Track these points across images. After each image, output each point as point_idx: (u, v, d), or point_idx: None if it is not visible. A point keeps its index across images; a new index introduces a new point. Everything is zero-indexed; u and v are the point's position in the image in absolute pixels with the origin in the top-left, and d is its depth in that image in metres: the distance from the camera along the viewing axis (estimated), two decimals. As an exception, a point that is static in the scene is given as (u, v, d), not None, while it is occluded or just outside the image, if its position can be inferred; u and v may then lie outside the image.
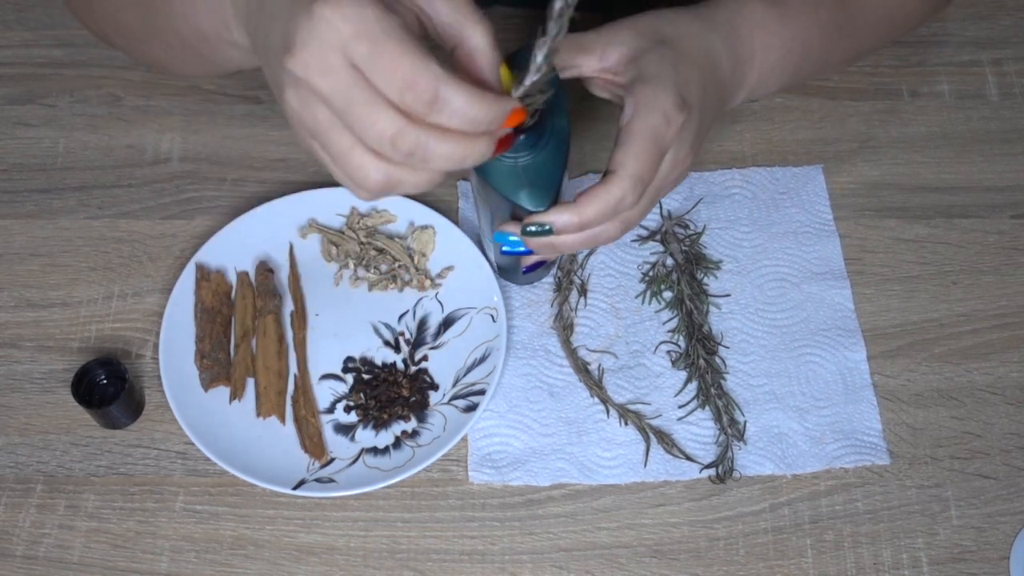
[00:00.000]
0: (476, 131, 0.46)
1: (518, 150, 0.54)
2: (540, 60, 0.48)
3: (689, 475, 0.69)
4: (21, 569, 0.67)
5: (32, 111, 0.86)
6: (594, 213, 0.56)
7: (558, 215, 0.56)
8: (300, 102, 0.47)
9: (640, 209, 0.59)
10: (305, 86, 0.46)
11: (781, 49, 0.67)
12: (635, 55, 0.60)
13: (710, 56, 0.62)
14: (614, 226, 0.58)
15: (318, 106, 0.47)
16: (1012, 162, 0.83)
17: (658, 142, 0.57)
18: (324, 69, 0.45)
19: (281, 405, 0.71)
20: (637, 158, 0.56)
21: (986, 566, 0.67)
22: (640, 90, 0.58)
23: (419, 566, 0.67)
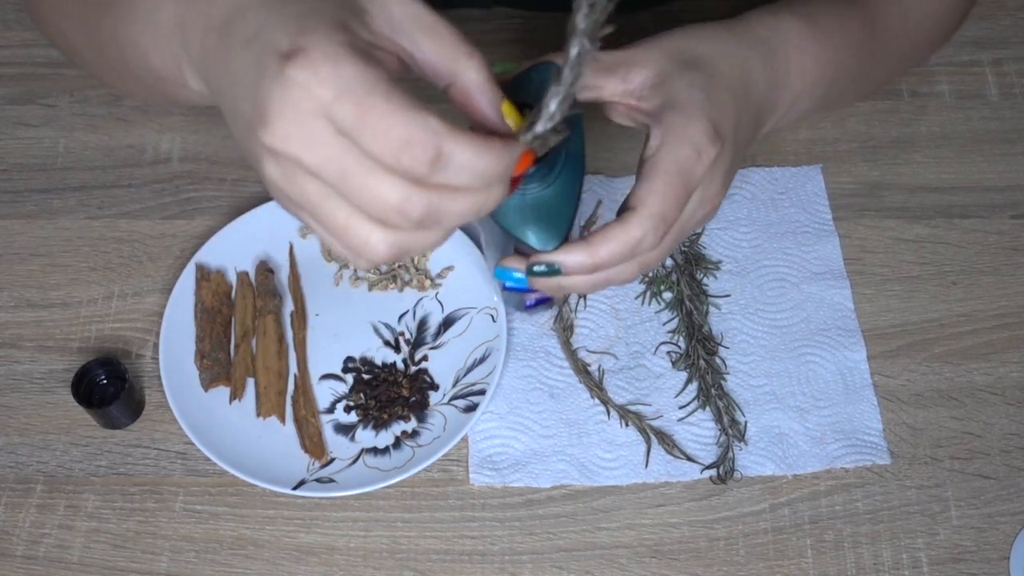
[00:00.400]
0: (484, 185, 0.42)
1: (527, 183, 0.49)
2: (553, 108, 0.44)
3: (690, 476, 0.69)
4: (21, 569, 0.67)
5: (32, 111, 0.86)
6: (608, 254, 0.50)
7: (568, 255, 0.50)
8: (284, 176, 0.41)
9: (661, 250, 0.53)
10: (287, 160, 0.40)
11: (815, 72, 0.61)
12: (662, 78, 0.54)
13: (745, 79, 0.56)
14: (630, 268, 0.52)
15: (305, 179, 0.41)
16: (1012, 162, 0.83)
17: (686, 178, 0.51)
18: (308, 141, 0.39)
19: (281, 405, 0.71)
20: (662, 195, 0.50)
21: (986, 566, 0.67)
22: (668, 118, 0.52)
23: (419, 566, 0.67)
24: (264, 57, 0.40)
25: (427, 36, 0.44)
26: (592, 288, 0.53)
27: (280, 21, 0.41)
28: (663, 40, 0.56)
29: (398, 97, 0.39)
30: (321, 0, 0.42)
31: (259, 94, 0.40)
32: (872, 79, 0.66)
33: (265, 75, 0.40)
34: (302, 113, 0.39)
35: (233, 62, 0.43)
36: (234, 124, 0.44)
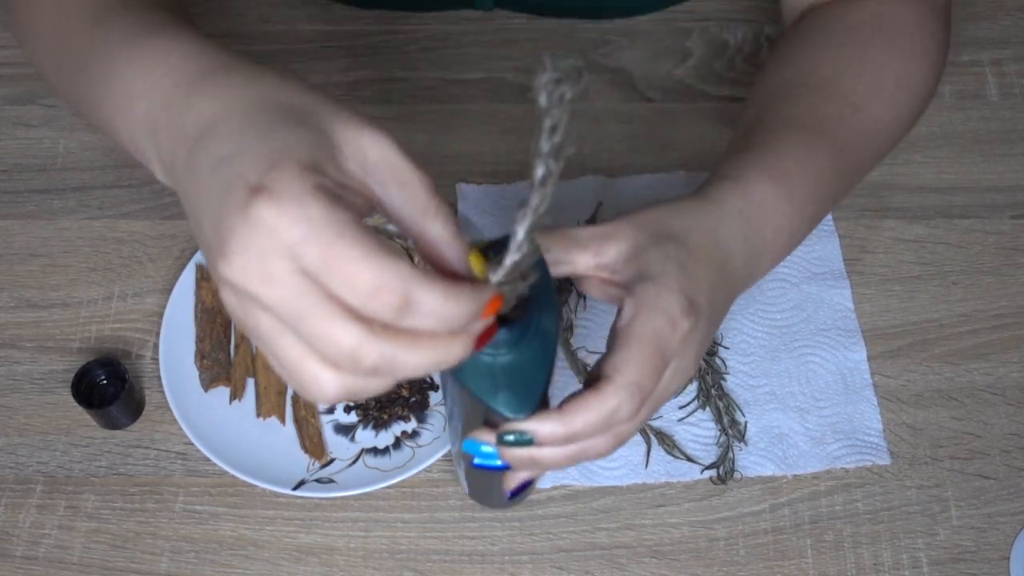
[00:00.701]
0: (452, 331, 0.40)
1: (497, 346, 0.45)
2: (521, 237, 0.41)
3: (690, 476, 0.69)
4: (21, 569, 0.67)
5: (32, 111, 0.86)
6: (584, 424, 0.48)
7: (541, 423, 0.47)
8: (239, 307, 0.40)
9: (636, 422, 0.51)
10: (244, 293, 0.39)
11: (790, 228, 0.60)
12: (636, 251, 0.53)
13: (721, 252, 0.55)
14: (605, 440, 0.50)
15: (260, 314, 0.40)
16: (1012, 162, 0.83)
17: (661, 349, 0.49)
18: (266, 279, 0.38)
19: (281, 405, 0.71)
20: (637, 365, 0.49)
21: (986, 566, 0.67)
22: (642, 290, 0.51)
23: (419, 566, 0.67)
24: (231, 185, 0.39)
25: (398, 187, 0.43)
26: (567, 461, 0.50)
27: (252, 151, 0.40)
28: (637, 215, 0.55)
29: (367, 242, 0.38)
30: (295, 133, 0.41)
31: (222, 224, 0.39)
32: (845, 193, 0.66)
33: (231, 205, 0.39)
34: (264, 251, 0.38)
35: (201, 181, 0.42)
36: (198, 236, 0.43)
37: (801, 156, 0.61)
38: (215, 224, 0.40)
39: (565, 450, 0.49)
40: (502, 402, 0.46)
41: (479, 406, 0.47)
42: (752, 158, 0.60)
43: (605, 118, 0.86)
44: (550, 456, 0.49)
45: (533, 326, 0.45)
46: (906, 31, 0.69)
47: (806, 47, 0.69)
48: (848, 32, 0.69)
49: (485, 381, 0.46)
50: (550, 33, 0.90)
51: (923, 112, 0.70)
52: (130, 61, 0.50)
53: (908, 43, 0.68)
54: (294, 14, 0.91)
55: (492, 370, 0.46)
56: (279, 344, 0.40)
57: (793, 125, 0.63)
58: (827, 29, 0.70)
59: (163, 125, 0.46)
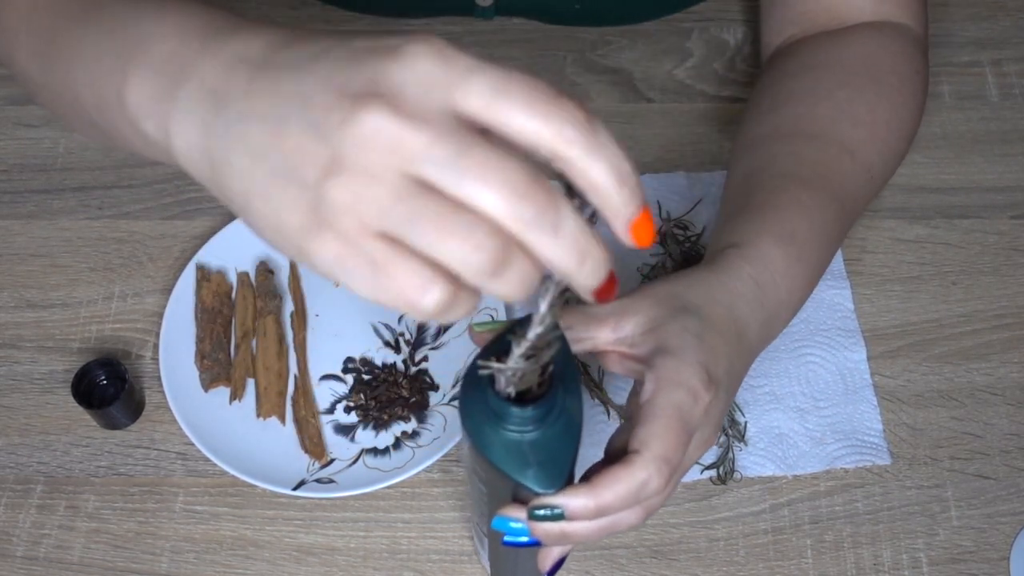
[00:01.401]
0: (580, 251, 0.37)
1: (525, 423, 0.46)
2: (544, 310, 0.42)
3: (690, 476, 0.69)
4: (21, 569, 0.67)
5: (32, 111, 0.86)
6: (614, 498, 0.48)
7: (571, 498, 0.47)
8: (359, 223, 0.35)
9: (664, 495, 0.51)
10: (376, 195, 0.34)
11: (805, 287, 0.61)
12: (654, 325, 0.53)
13: (737, 322, 0.56)
14: (635, 513, 0.50)
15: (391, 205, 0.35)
16: (1012, 162, 0.83)
17: (685, 421, 0.50)
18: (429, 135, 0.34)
19: (281, 406, 0.71)
20: (663, 439, 0.49)
21: (986, 566, 0.67)
22: (662, 363, 0.51)
23: (419, 566, 0.67)
24: (361, 54, 0.36)
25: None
26: (597, 534, 0.50)
27: (365, 35, 0.37)
28: (653, 288, 0.55)
29: None
30: None
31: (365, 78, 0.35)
32: (843, 239, 0.67)
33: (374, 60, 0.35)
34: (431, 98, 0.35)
35: (285, 86, 0.37)
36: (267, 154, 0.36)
37: (804, 213, 0.61)
38: (322, 100, 0.35)
39: (596, 524, 0.49)
40: (531, 478, 0.47)
41: (507, 483, 0.47)
42: (757, 220, 0.60)
43: (605, 118, 0.85)
44: (581, 530, 0.49)
45: (559, 403, 0.46)
46: (893, 70, 0.69)
47: (796, 92, 0.69)
48: (837, 75, 0.69)
49: (513, 458, 0.47)
50: (550, 33, 0.90)
51: (908, 148, 0.71)
52: (139, 14, 0.45)
53: (896, 82, 0.69)
54: (294, 15, 0.91)
55: (520, 447, 0.46)
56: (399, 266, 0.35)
57: (792, 179, 0.63)
58: (814, 72, 0.70)
59: (198, 59, 0.40)
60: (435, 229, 0.34)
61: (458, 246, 0.34)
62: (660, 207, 0.80)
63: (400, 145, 0.34)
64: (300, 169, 0.35)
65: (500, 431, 0.46)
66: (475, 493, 0.53)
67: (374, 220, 0.35)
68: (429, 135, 0.34)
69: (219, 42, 0.40)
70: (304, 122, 0.35)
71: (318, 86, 0.35)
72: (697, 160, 0.83)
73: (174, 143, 0.40)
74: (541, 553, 0.54)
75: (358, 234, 0.35)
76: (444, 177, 0.34)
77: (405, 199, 0.34)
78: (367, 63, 0.35)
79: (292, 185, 0.35)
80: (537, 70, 0.87)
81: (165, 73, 0.41)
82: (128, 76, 0.42)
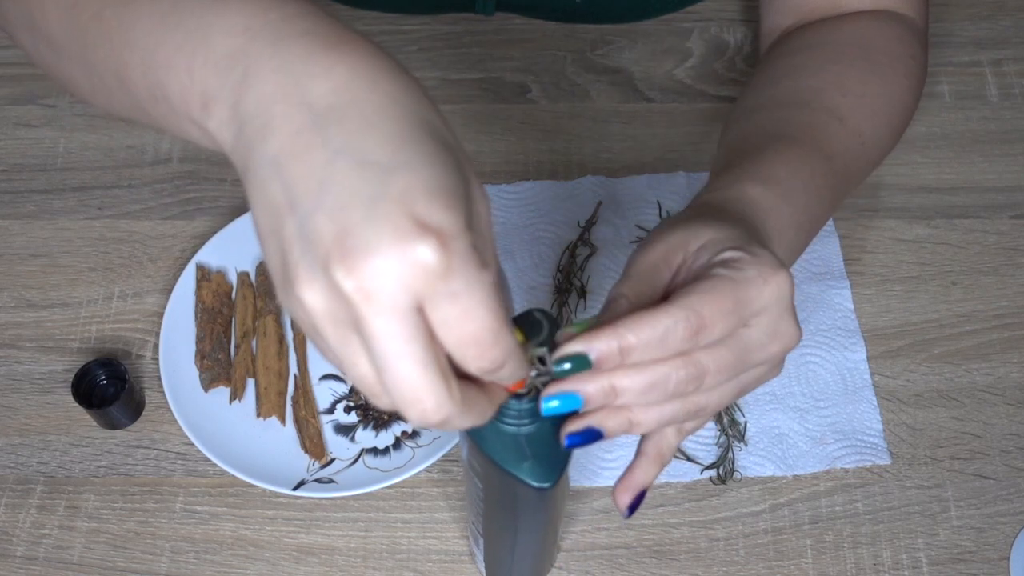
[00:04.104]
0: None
1: (522, 416, 0.46)
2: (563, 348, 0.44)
3: (690, 476, 0.69)
4: (21, 569, 0.67)
5: (32, 111, 0.86)
6: (637, 340, 0.44)
7: (592, 339, 0.44)
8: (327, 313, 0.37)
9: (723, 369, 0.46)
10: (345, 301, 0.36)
11: (792, 227, 0.57)
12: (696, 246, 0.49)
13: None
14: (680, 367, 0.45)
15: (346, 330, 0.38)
16: (1012, 162, 0.83)
17: (741, 292, 0.45)
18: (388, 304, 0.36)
19: (281, 405, 0.71)
20: (700, 294, 0.44)
21: (986, 566, 0.67)
22: (730, 253, 0.47)
23: (419, 566, 0.67)
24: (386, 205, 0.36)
25: None
26: (645, 390, 0.45)
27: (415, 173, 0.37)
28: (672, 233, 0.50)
29: (499, 308, 0.38)
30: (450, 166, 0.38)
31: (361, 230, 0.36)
32: (840, 201, 0.65)
33: (383, 225, 0.36)
34: (403, 284, 0.36)
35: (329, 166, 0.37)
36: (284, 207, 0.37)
37: (790, 162, 0.59)
38: (343, 220, 0.36)
39: (641, 377, 0.45)
40: (527, 471, 0.47)
41: (503, 477, 0.48)
42: (739, 170, 0.58)
43: (605, 118, 0.86)
44: (629, 385, 0.45)
45: None
46: (887, 50, 0.69)
47: (787, 69, 0.69)
48: (830, 52, 0.69)
49: (510, 451, 0.47)
50: (550, 33, 0.90)
51: (904, 129, 0.70)
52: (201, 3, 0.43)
53: (889, 61, 0.68)
54: (294, 14, 0.91)
55: (517, 440, 0.47)
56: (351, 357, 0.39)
57: (778, 137, 0.61)
58: (808, 50, 0.70)
59: (263, 69, 0.39)
60: (356, 379, 0.39)
61: (371, 393, 0.39)
62: (660, 207, 0.80)
63: (354, 315, 0.37)
64: (285, 253, 0.37)
65: (497, 424, 0.46)
66: (471, 490, 0.54)
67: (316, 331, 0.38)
68: (377, 327, 0.37)
69: (289, 55, 0.39)
70: (303, 227, 0.37)
71: (329, 209, 0.36)
72: (697, 160, 0.83)
73: (229, 144, 0.41)
74: (619, 485, 0.51)
75: (305, 326, 0.38)
76: (374, 358, 0.38)
77: (340, 346, 0.38)
78: (379, 225, 0.36)
79: (277, 252, 0.38)
80: (537, 70, 0.88)
81: (229, 78, 0.40)
82: (193, 76, 0.41)
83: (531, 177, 0.82)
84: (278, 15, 0.40)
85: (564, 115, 0.86)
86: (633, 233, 0.79)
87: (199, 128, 0.42)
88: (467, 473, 0.53)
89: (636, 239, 0.78)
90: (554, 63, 0.89)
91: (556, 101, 0.86)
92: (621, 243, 0.78)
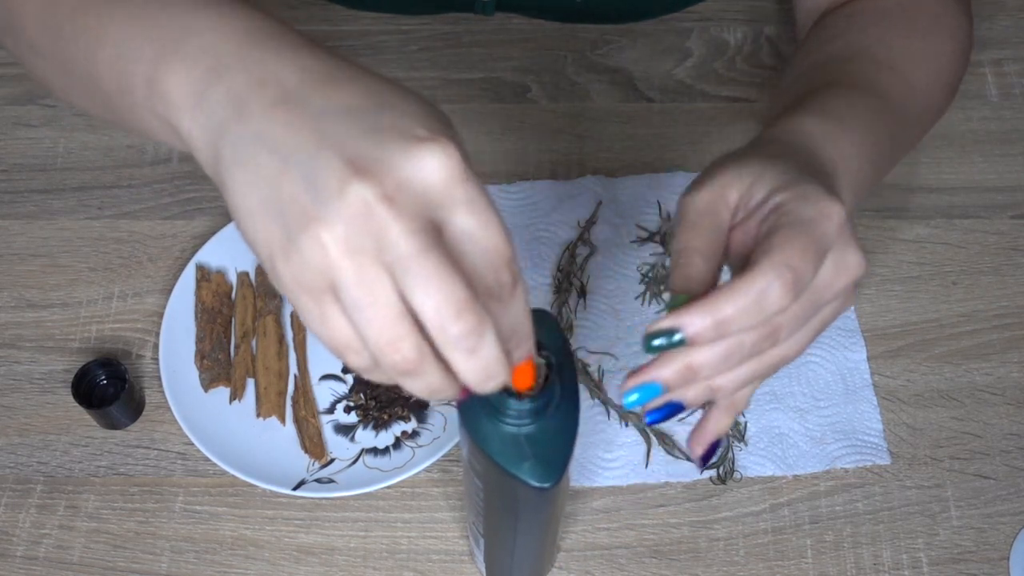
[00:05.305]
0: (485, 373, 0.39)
1: (522, 416, 0.46)
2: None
3: (690, 476, 0.69)
4: (21, 569, 0.67)
5: (32, 111, 0.86)
6: (734, 310, 0.43)
7: (687, 315, 0.43)
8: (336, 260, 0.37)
9: (795, 317, 0.45)
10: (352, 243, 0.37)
11: (855, 156, 0.55)
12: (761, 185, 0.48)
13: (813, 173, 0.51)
14: (762, 333, 0.45)
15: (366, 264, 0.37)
16: (1012, 162, 0.83)
17: (812, 232, 0.44)
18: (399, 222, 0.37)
19: (281, 405, 0.71)
20: (783, 246, 0.43)
21: (986, 566, 0.67)
22: (777, 199, 0.46)
23: (419, 566, 0.67)
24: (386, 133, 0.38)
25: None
26: (724, 363, 0.45)
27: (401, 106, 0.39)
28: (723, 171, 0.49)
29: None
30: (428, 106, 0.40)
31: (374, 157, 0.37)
32: (897, 154, 0.64)
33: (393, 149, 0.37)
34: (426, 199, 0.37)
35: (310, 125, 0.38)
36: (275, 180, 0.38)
37: (846, 98, 0.58)
38: (350, 151, 0.37)
39: (720, 349, 0.44)
40: (527, 471, 0.47)
41: (503, 477, 0.47)
42: (792, 110, 0.56)
43: (605, 118, 0.85)
44: (706, 360, 0.45)
45: (556, 396, 0.47)
46: (931, 14, 0.69)
47: (831, 36, 0.69)
48: (871, 16, 0.68)
49: (510, 451, 0.47)
50: (550, 33, 0.90)
51: (956, 88, 0.69)
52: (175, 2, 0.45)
53: (933, 24, 0.68)
54: (294, 14, 0.91)
55: (517, 440, 0.47)
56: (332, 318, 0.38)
57: (830, 84, 0.60)
58: (849, 17, 0.69)
59: (232, 63, 0.41)
60: (369, 319, 0.37)
61: (381, 341, 0.38)
62: (660, 207, 0.80)
63: (377, 229, 0.36)
64: (288, 212, 0.37)
65: (497, 424, 0.46)
66: (471, 489, 0.53)
67: (329, 280, 0.37)
68: (403, 229, 0.36)
69: (257, 50, 0.41)
70: (306, 173, 0.37)
71: (332, 145, 0.37)
72: (697, 160, 0.83)
73: (193, 134, 0.42)
74: (693, 437, 0.51)
75: (313, 283, 0.38)
76: (398, 268, 0.37)
77: (360, 278, 0.37)
78: (384, 145, 0.37)
79: (276, 220, 0.38)
80: (537, 70, 0.88)
81: (197, 69, 0.41)
82: (159, 67, 0.43)
83: (531, 177, 0.82)
84: (246, 20, 0.43)
85: (564, 115, 0.86)
86: (633, 233, 0.79)
87: (161, 120, 0.44)
88: (467, 473, 0.53)
89: (636, 239, 0.78)
90: (554, 63, 0.89)
91: (556, 101, 0.86)
92: (621, 243, 0.78)
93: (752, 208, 0.48)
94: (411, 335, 0.38)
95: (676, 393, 0.47)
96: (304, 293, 0.38)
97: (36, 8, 0.51)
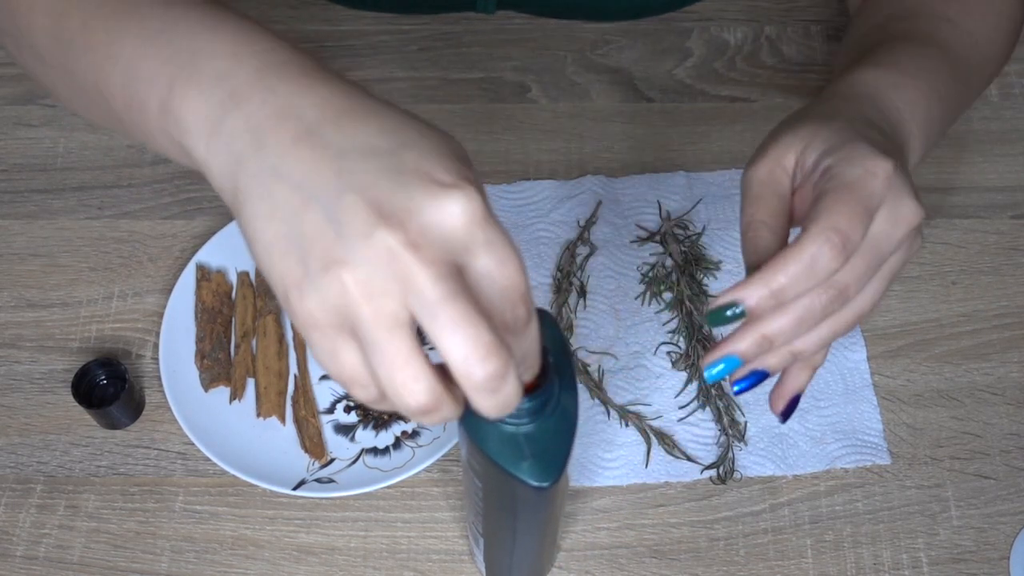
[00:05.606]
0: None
1: (521, 416, 0.46)
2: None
3: (690, 476, 0.69)
4: (21, 569, 0.67)
5: (32, 111, 0.86)
6: (787, 278, 0.45)
7: (744, 289, 0.46)
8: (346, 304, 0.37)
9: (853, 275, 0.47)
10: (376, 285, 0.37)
11: (922, 101, 0.57)
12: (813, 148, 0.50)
13: (872, 125, 0.53)
14: (822, 296, 0.46)
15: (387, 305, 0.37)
16: (1012, 162, 0.83)
17: (860, 192, 0.46)
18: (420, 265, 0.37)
19: (281, 405, 0.71)
20: (831, 210, 0.45)
21: (986, 566, 0.67)
22: (827, 162, 0.48)
23: (419, 566, 0.67)
24: (406, 176, 0.38)
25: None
26: (796, 329, 0.47)
27: (424, 147, 0.39)
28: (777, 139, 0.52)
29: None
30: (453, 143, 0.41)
31: (390, 201, 0.37)
32: (963, 103, 0.65)
33: (414, 191, 0.37)
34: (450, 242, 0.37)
35: (329, 163, 0.38)
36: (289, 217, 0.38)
37: (907, 50, 0.60)
38: (373, 195, 0.37)
39: (788, 317, 0.46)
40: (526, 471, 0.47)
41: (502, 476, 0.47)
42: (855, 64, 0.58)
43: (605, 118, 0.85)
44: (776, 328, 0.47)
45: (555, 395, 0.47)
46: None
47: (883, 3, 0.69)
48: None
49: (509, 450, 0.47)
50: (550, 32, 0.90)
51: (1015, 43, 0.69)
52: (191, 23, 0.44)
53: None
54: (294, 14, 0.91)
55: (516, 439, 0.47)
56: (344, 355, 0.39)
57: (892, 39, 0.61)
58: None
59: (249, 91, 0.41)
60: (387, 360, 0.38)
61: (396, 381, 0.38)
62: (660, 207, 0.80)
63: (402, 274, 0.36)
64: (309, 249, 0.38)
65: (496, 424, 0.46)
66: (470, 489, 0.53)
67: (346, 319, 0.38)
68: (429, 275, 0.36)
69: (273, 79, 0.41)
70: (329, 213, 0.37)
71: (355, 189, 0.37)
72: (697, 160, 0.83)
73: (209, 161, 0.41)
74: (774, 394, 0.52)
75: (328, 320, 0.38)
76: (424, 314, 0.37)
77: (380, 320, 0.37)
78: (409, 191, 0.37)
79: (295, 255, 0.38)
80: (537, 70, 0.88)
81: (214, 97, 0.41)
82: (173, 90, 0.42)
83: (531, 177, 0.82)
84: (262, 46, 0.42)
85: (564, 115, 0.86)
86: (633, 233, 0.79)
87: (173, 141, 0.43)
88: (466, 473, 0.53)
89: (636, 239, 0.78)
90: (554, 63, 0.89)
91: (556, 101, 0.86)
92: (621, 243, 0.78)
93: (808, 171, 0.50)
94: (426, 377, 0.38)
95: (758, 362, 0.49)
96: (317, 329, 0.38)
97: (45, 20, 0.51)
